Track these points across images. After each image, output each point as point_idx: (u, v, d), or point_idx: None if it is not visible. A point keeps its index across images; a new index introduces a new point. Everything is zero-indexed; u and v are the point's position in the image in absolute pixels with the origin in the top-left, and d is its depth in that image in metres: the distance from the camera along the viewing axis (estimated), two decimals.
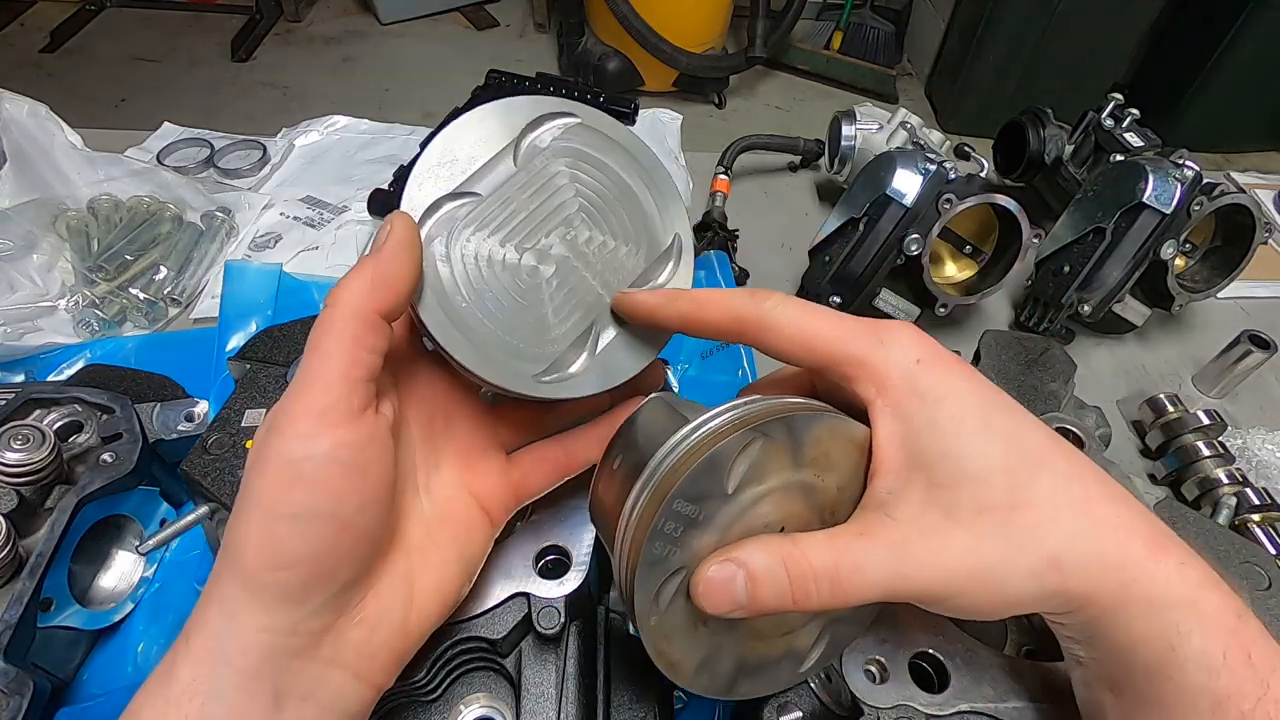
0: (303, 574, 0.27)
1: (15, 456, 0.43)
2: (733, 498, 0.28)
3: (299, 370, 0.28)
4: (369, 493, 0.28)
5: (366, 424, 0.28)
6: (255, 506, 0.27)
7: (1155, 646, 0.27)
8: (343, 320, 0.27)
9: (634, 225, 0.35)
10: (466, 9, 3.11)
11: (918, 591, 0.27)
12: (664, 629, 0.28)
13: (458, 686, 0.38)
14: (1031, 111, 0.90)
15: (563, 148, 0.33)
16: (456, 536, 0.33)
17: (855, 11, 2.91)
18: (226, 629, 0.26)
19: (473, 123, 0.31)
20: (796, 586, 0.27)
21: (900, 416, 0.29)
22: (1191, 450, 0.64)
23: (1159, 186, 0.69)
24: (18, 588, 0.41)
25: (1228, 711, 0.26)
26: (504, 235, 0.32)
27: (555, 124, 0.33)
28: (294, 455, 0.26)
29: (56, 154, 0.79)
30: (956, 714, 0.35)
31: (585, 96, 0.81)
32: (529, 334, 0.32)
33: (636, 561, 0.27)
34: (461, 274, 0.31)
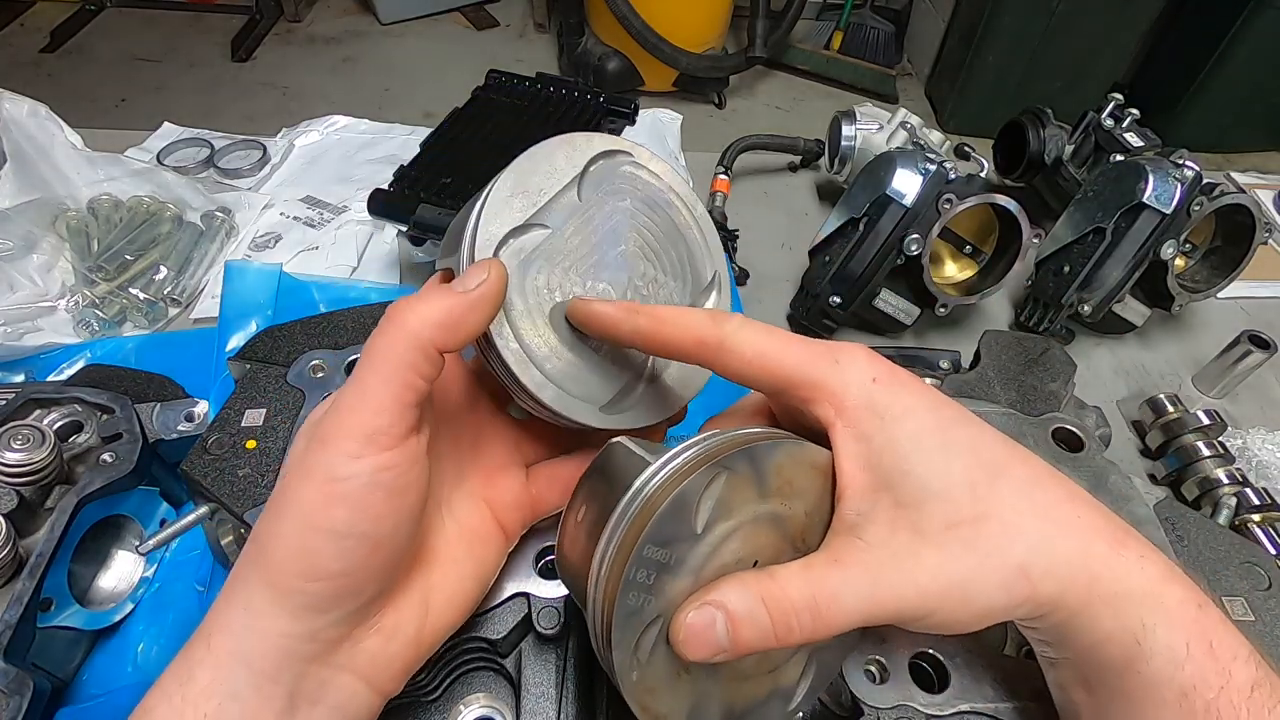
0: (333, 587, 0.27)
1: (15, 456, 0.43)
2: (702, 537, 0.27)
3: (353, 383, 0.28)
4: (405, 514, 0.28)
5: (410, 447, 0.28)
6: (294, 515, 0.27)
7: (1122, 642, 0.28)
8: (405, 345, 0.27)
9: (681, 262, 0.36)
10: (466, 9, 3.11)
11: (895, 613, 0.27)
12: (647, 683, 0.27)
13: (458, 686, 0.38)
14: (1031, 111, 0.90)
15: (621, 186, 0.34)
16: (474, 552, 0.33)
17: (855, 11, 2.91)
18: (249, 631, 0.27)
19: (540, 156, 0.32)
20: (778, 623, 0.26)
21: (860, 437, 0.29)
22: (1191, 450, 0.64)
23: (1159, 186, 0.69)
24: (18, 588, 0.41)
25: (1193, 702, 0.27)
26: (571, 268, 0.32)
27: (614, 161, 0.34)
28: (339, 473, 0.26)
29: (56, 154, 0.79)
30: (956, 714, 0.35)
31: (585, 96, 0.81)
32: (594, 367, 0.33)
33: (611, 616, 0.26)
34: (536, 306, 0.31)
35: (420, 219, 0.67)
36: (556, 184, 0.32)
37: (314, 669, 0.28)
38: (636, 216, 0.34)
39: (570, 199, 0.32)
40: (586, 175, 0.33)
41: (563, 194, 0.32)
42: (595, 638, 0.28)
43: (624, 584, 0.26)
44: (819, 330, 0.75)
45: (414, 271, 0.79)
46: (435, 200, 0.68)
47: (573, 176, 0.32)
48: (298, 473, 0.27)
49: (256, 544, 0.28)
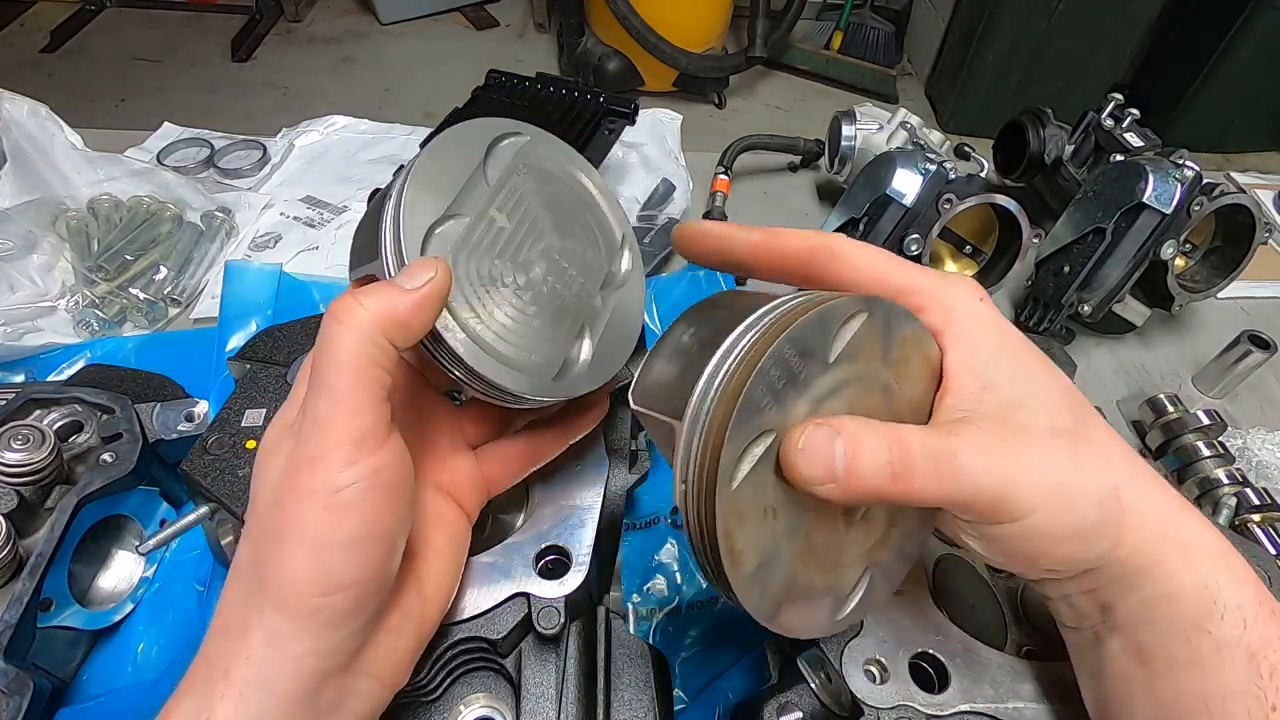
0: (353, 596, 0.27)
1: (15, 456, 0.43)
2: (830, 369, 0.27)
3: (323, 397, 0.27)
4: (404, 510, 0.29)
5: (395, 443, 0.28)
6: (300, 538, 0.26)
7: (1196, 596, 0.28)
8: (365, 342, 0.27)
9: (591, 229, 0.37)
10: (466, 9, 3.11)
11: (1001, 497, 0.27)
12: (737, 504, 0.25)
13: (458, 686, 0.38)
14: (1031, 111, 0.90)
15: (521, 165, 0.34)
16: (447, 535, 0.34)
17: (855, 11, 2.91)
18: (271, 659, 0.26)
19: (439, 152, 0.32)
20: (896, 461, 0.26)
21: (970, 345, 0.30)
22: (1191, 450, 0.64)
23: (1159, 186, 0.69)
24: (18, 588, 0.41)
25: (1259, 665, 0.27)
26: (497, 252, 0.33)
27: (511, 142, 0.34)
28: (339, 484, 0.26)
29: (56, 154, 0.79)
30: (956, 714, 0.35)
31: (585, 96, 0.81)
32: (537, 342, 0.33)
33: (733, 409, 0.25)
34: (473, 294, 0.31)
35: None
36: (463, 174, 0.32)
37: (334, 681, 0.28)
38: (542, 192, 0.35)
39: (479, 186, 0.32)
40: (489, 161, 0.33)
41: (471, 182, 0.32)
42: (688, 459, 0.26)
43: (756, 374, 0.25)
44: None
45: None
46: None
47: (476, 164, 0.32)
48: (296, 498, 0.26)
49: (263, 576, 0.27)
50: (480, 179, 0.32)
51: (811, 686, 0.38)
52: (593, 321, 0.36)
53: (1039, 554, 0.28)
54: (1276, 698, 0.27)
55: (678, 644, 0.53)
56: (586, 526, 0.40)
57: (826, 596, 0.30)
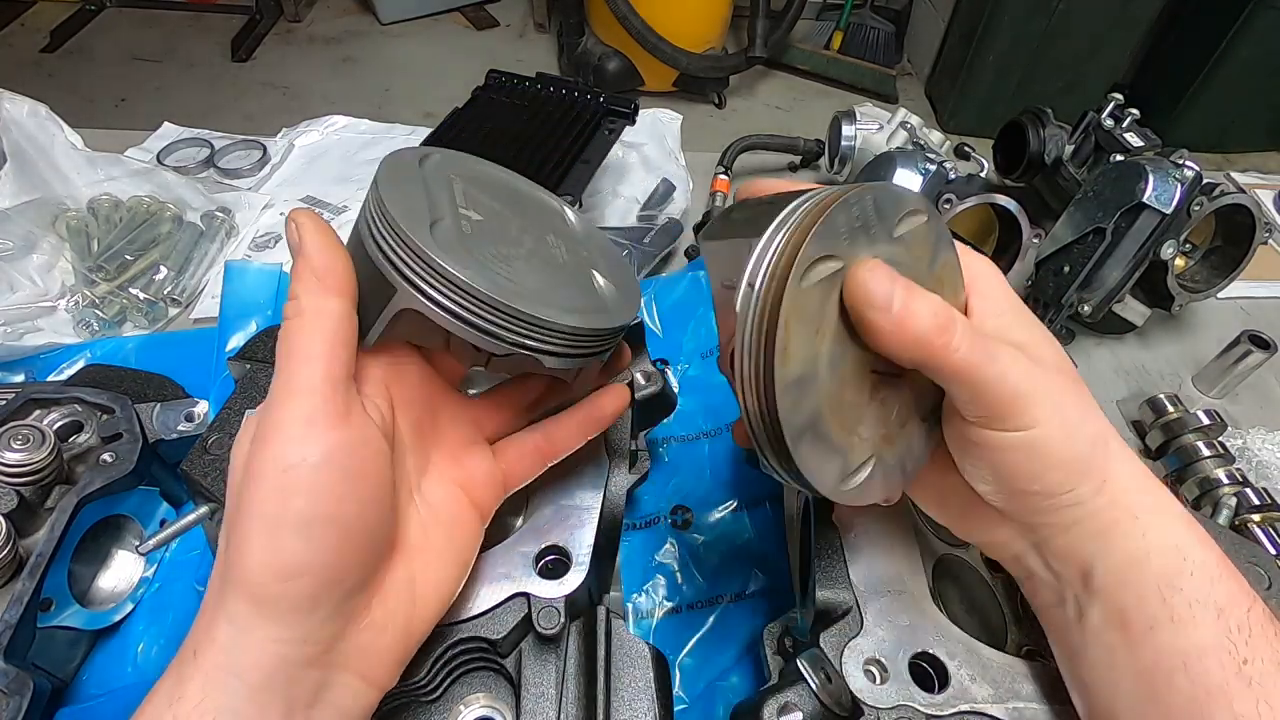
0: (310, 583, 0.27)
1: (15, 456, 0.43)
2: (894, 242, 0.30)
3: (277, 378, 0.27)
4: (368, 495, 0.28)
5: (357, 425, 0.28)
6: (253, 518, 0.26)
7: (1169, 556, 0.30)
8: (316, 320, 0.28)
9: (536, 202, 0.39)
10: (466, 9, 3.11)
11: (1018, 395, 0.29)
12: (800, 303, 0.28)
13: (458, 686, 0.38)
14: (1031, 111, 0.90)
15: (451, 173, 0.35)
16: (451, 535, 0.34)
17: (855, 11, 2.91)
18: (237, 643, 0.26)
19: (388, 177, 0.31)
20: (942, 316, 0.28)
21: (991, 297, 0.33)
22: (1191, 450, 0.64)
23: (1159, 186, 0.69)
24: (18, 588, 0.41)
25: (1228, 620, 0.29)
26: (492, 237, 0.33)
27: (430, 162, 0.35)
28: (288, 462, 0.26)
29: (56, 154, 0.79)
30: (956, 714, 0.35)
31: (585, 96, 0.81)
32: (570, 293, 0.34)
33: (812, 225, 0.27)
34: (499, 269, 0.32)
35: None
36: (418, 191, 0.32)
37: (309, 673, 0.27)
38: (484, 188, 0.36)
39: (437, 195, 0.33)
40: (426, 179, 0.33)
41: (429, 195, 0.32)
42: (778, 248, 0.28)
43: (842, 203, 0.28)
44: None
45: None
46: None
47: (419, 181, 0.33)
48: (249, 478, 0.27)
49: (227, 559, 0.27)
50: (435, 191, 0.33)
51: (811, 686, 0.38)
52: (596, 264, 0.37)
53: (1034, 473, 0.30)
54: (1246, 651, 0.28)
55: (678, 644, 0.53)
56: (586, 526, 0.40)
57: (837, 458, 0.31)
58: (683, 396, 0.65)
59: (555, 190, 0.70)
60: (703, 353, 0.71)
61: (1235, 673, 0.28)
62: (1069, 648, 0.33)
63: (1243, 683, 0.28)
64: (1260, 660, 0.28)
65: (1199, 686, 0.28)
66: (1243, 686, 0.28)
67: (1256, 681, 0.28)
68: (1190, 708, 0.28)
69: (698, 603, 0.56)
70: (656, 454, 0.64)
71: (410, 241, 0.29)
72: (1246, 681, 0.28)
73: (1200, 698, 0.28)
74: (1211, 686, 0.28)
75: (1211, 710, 0.28)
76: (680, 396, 0.59)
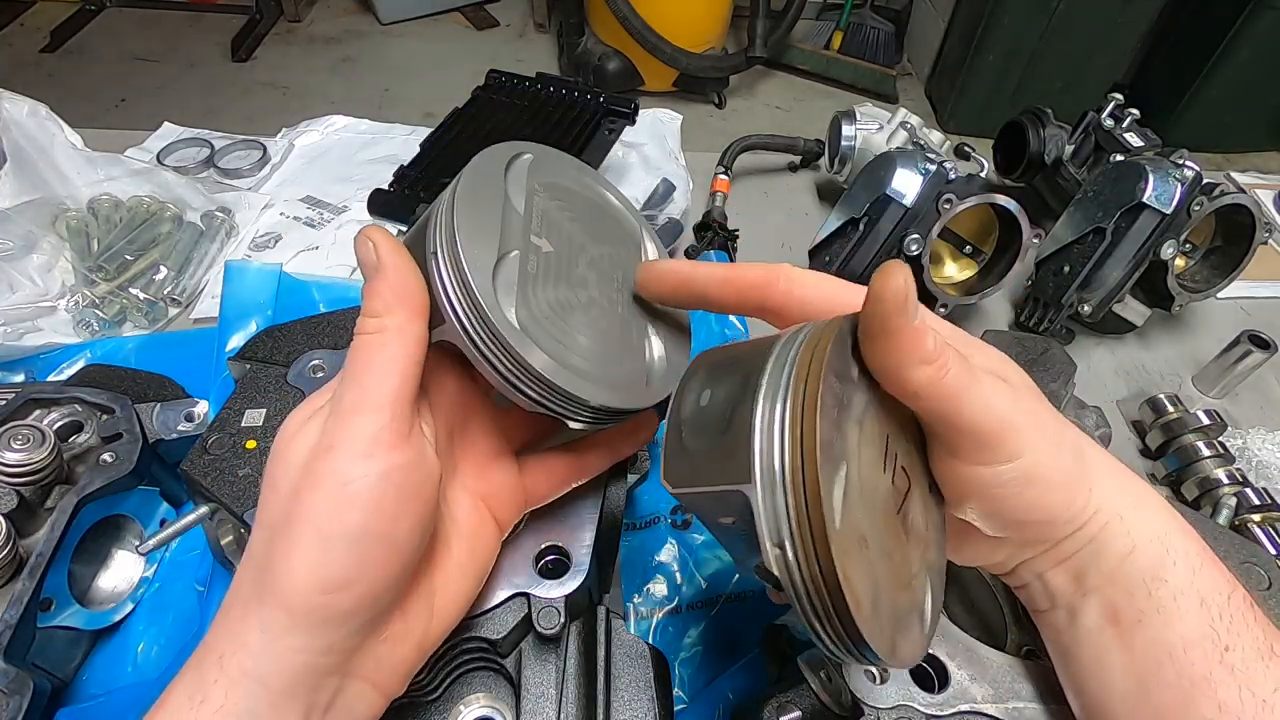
0: (352, 597, 0.27)
1: (15, 456, 0.43)
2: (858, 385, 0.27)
3: (348, 390, 0.28)
4: (419, 515, 0.28)
5: (415, 445, 0.28)
6: (307, 526, 0.26)
7: (1153, 549, 0.30)
8: (398, 339, 0.28)
9: (614, 228, 0.37)
10: (466, 9, 3.11)
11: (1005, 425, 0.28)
12: (844, 544, 0.24)
13: (458, 686, 0.38)
14: (1031, 111, 0.90)
15: (537, 184, 0.34)
16: (472, 548, 0.33)
17: (855, 11, 2.91)
18: (267, 650, 0.26)
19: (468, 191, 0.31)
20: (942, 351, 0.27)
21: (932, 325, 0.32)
22: (1191, 450, 0.64)
23: (1159, 186, 0.69)
24: (18, 588, 0.41)
25: (1210, 609, 0.29)
26: (554, 278, 0.32)
27: (519, 164, 0.34)
28: (349, 475, 0.26)
29: (56, 154, 0.79)
30: (956, 714, 0.35)
31: (585, 96, 0.81)
32: (620, 355, 0.33)
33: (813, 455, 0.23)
34: (551, 327, 0.31)
35: None
36: (495, 209, 0.31)
37: (329, 680, 0.27)
38: (566, 207, 0.35)
39: (513, 218, 0.32)
40: (509, 190, 0.32)
41: (505, 216, 0.31)
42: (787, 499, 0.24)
43: (823, 412, 0.24)
44: None
45: None
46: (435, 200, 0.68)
47: (501, 196, 0.32)
48: (307, 482, 0.27)
49: (264, 564, 0.27)
50: (511, 211, 0.32)
51: (811, 686, 0.38)
52: (652, 319, 0.36)
53: (1033, 501, 0.29)
54: (1229, 639, 0.29)
55: (678, 644, 0.53)
56: (586, 526, 0.40)
57: (914, 614, 0.29)
58: None
59: None
60: None
61: (1219, 661, 0.29)
62: (1062, 650, 0.33)
63: (1225, 670, 0.28)
64: (1241, 648, 0.29)
65: (1185, 677, 0.29)
66: (1226, 674, 0.28)
67: (1238, 669, 0.28)
68: (1177, 699, 0.29)
69: (698, 603, 0.56)
70: (656, 454, 0.64)
71: (469, 285, 0.28)
72: (1229, 669, 0.28)
73: (1186, 688, 0.29)
74: (1196, 677, 0.29)
75: (1197, 700, 0.28)
76: None
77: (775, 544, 0.24)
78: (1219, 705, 0.28)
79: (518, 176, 0.33)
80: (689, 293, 0.34)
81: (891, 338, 0.26)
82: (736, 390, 0.27)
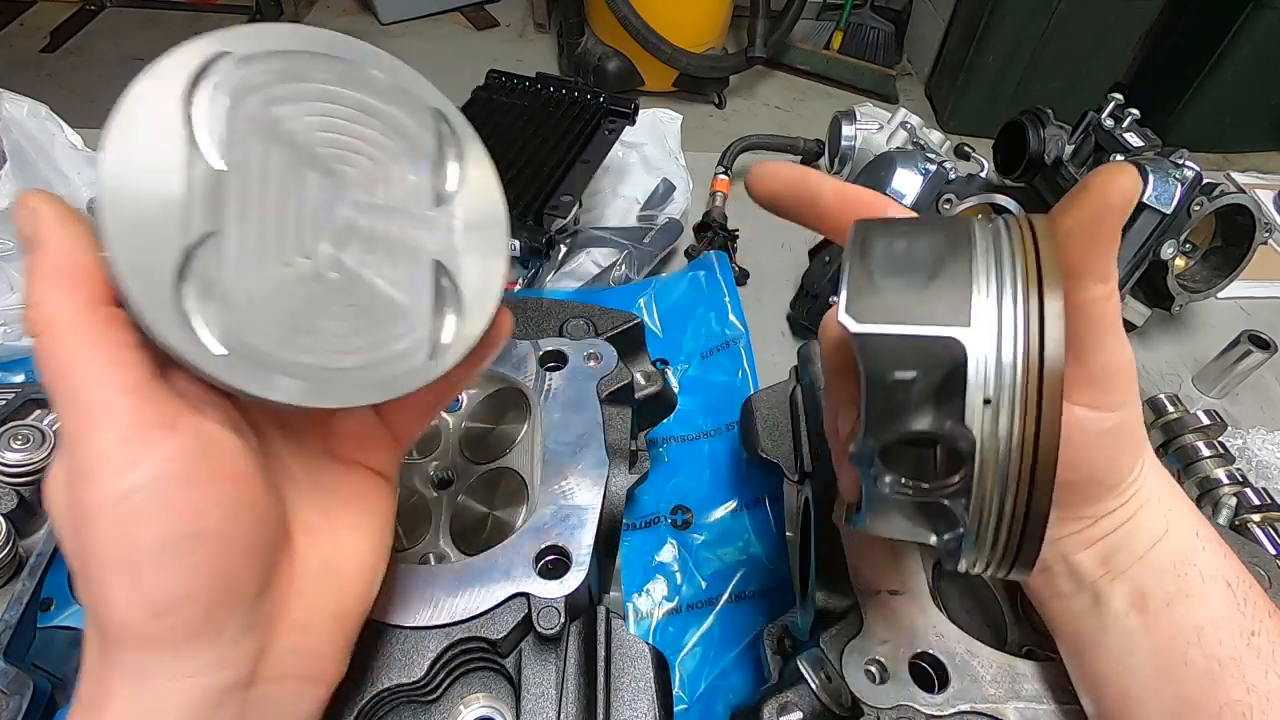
0: (197, 608, 0.23)
1: (15, 456, 0.43)
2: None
3: (64, 411, 0.22)
4: (234, 498, 0.24)
5: (190, 426, 0.23)
6: (104, 565, 0.22)
7: (1185, 535, 0.31)
8: (75, 331, 0.22)
9: (391, 129, 0.27)
10: (466, 9, 3.11)
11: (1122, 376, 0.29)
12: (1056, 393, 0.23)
13: (458, 686, 0.38)
14: (1031, 111, 0.90)
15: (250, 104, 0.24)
16: (359, 507, 0.30)
17: (855, 11, 2.90)
18: (141, 694, 0.23)
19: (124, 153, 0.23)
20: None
21: None
22: (1191, 450, 0.64)
23: (1159, 186, 0.69)
24: (18, 588, 0.41)
25: (1235, 594, 0.30)
26: (274, 248, 0.24)
27: (213, 78, 0.24)
28: (120, 492, 0.22)
29: (56, 154, 0.79)
30: (956, 714, 0.35)
31: (585, 96, 0.81)
32: (386, 327, 0.26)
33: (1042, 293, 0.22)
34: (258, 316, 0.23)
35: None
36: (176, 169, 0.22)
37: (238, 695, 0.25)
38: (297, 119, 0.25)
39: (203, 171, 0.23)
40: (195, 122, 0.23)
41: (190, 173, 0.23)
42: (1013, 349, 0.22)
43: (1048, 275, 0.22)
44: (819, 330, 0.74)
45: None
46: None
47: (183, 144, 0.23)
48: (81, 525, 0.23)
49: (91, 613, 0.24)
50: (198, 160, 0.23)
51: (811, 686, 0.38)
52: (442, 251, 0.27)
53: (1113, 458, 0.30)
54: (1254, 624, 0.29)
55: (678, 644, 0.53)
56: (586, 526, 0.40)
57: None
58: (683, 396, 0.65)
59: (555, 190, 0.71)
60: (703, 352, 0.71)
61: (1246, 644, 0.29)
62: (1082, 639, 0.33)
63: (1253, 653, 0.29)
64: (1266, 632, 0.29)
65: (1212, 659, 0.29)
66: (1253, 657, 0.29)
67: (1265, 652, 0.29)
68: (1204, 680, 0.29)
69: (698, 603, 0.56)
70: (656, 454, 0.64)
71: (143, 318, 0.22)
72: (1256, 652, 0.29)
73: (1214, 670, 0.29)
74: (1224, 658, 0.29)
75: (1225, 681, 0.29)
76: (680, 396, 0.59)
77: (986, 398, 0.22)
78: (1247, 687, 0.28)
79: (214, 96, 0.24)
80: (804, 194, 0.33)
81: (1094, 239, 0.25)
82: (942, 246, 0.24)
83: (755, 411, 0.55)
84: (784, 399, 0.55)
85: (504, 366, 0.48)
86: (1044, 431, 0.22)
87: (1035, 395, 0.22)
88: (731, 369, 0.69)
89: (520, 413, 0.48)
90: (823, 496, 0.45)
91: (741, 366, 0.70)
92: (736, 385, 0.68)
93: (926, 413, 0.23)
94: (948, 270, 0.23)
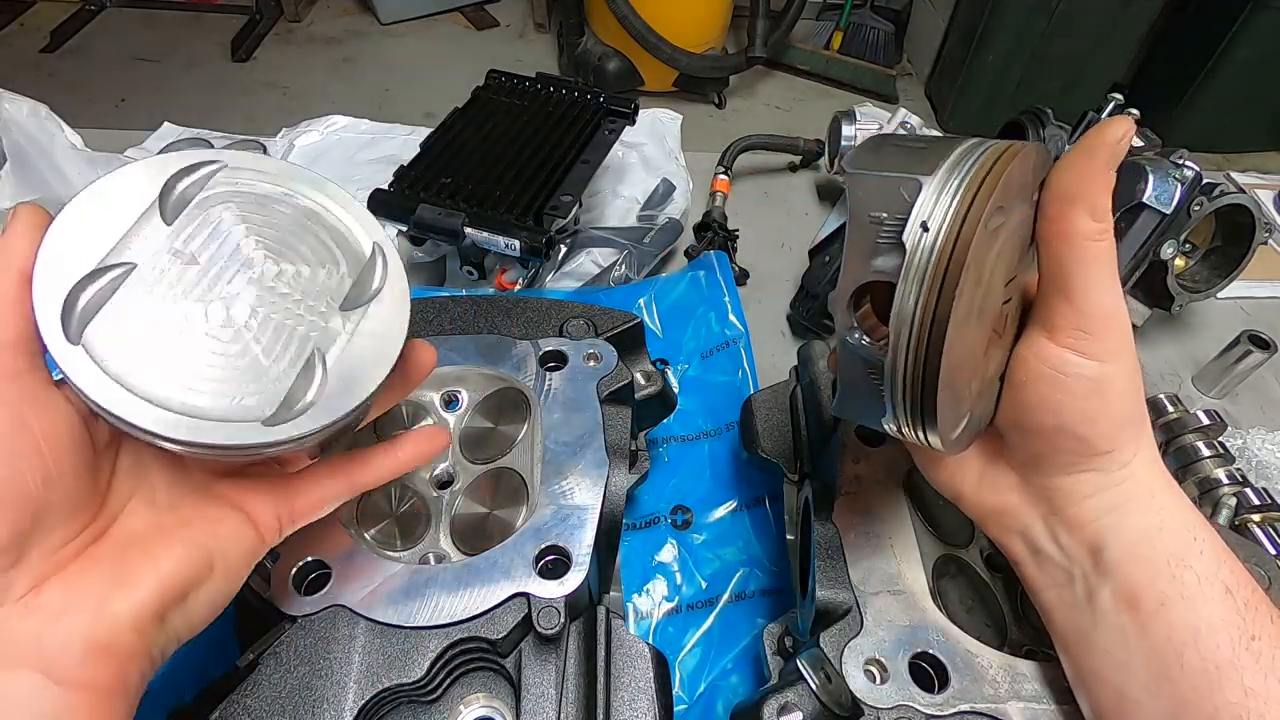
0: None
1: None
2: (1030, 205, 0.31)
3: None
4: (20, 450, 0.25)
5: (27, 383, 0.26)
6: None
7: (1179, 534, 0.31)
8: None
9: (325, 245, 0.33)
10: (466, 9, 3.11)
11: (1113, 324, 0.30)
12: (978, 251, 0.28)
13: (458, 686, 0.39)
14: (1031, 111, 0.90)
15: (219, 194, 0.31)
16: (203, 529, 0.30)
17: (855, 11, 2.90)
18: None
19: (104, 189, 0.28)
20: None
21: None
22: (1191, 450, 0.64)
23: (1159, 186, 0.69)
24: None
25: (1234, 598, 0.30)
26: (178, 294, 0.29)
27: (200, 174, 0.31)
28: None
29: (56, 154, 0.79)
30: (956, 714, 0.35)
31: (585, 96, 0.81)
32: (246, 383, 0.29)
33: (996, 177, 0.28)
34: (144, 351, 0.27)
35: (420, 219, 0.67)
36: (130, 215, 0.28)
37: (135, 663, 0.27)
38: (249, 219, 0.31)
39: (155, 225, 0.29)
40: (169, 197, 0.30)
41: (142, 224, 0.29)
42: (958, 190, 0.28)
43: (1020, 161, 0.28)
44: (819, 330, 0.75)
45: (414, 271, 0.79)
46: (435, 200, 0.68)
47: (150, 201, 0.29)
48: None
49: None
50: (154, 216, 0.29)
51: (811, 686, 0.38)
52: (327, 346, 0.31)
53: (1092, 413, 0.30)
54: (1254, 628, 0.29)
55: (678, 644, 0.53)
56: (586, 526, 0.40)
57: (958, 408, 0.31)
58: (683, 396, 0.65)
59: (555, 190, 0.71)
60: (702, 353, 0.71)
61: (1245, 648, 0.29)
62: (1076, 634, 0.33)
63: (1252, 657, 0.29)
64: (1266, 637, 0.29)
65: (1209, 661, 0.29)
66: (1251, 661, 0.29)
67: (1265, 656, 0.29)
68: (1201, 683, 0.29)
69: (698, 603, 0.56)
70: (656, 454, 0.64)
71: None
72: (1256, 656, 0.29)
73: (1211, 672, 0.29)
74: (1222, 661, 0.29)
75: (1223, 684, 0.29)
76: (680, 396, 0.59)
77: (922, 223, 0.28)
78: (1245, 690, 0.28)
79: (191, 186, 0.30)
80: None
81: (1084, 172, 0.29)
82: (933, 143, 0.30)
83: (755, 411, 0.55)
84: (784, 399, 0.55)
85: (504, 366, 0.48)
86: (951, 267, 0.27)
87: (958, 229, 0.27)
88: (731, 369, 0.70)
89: (520, 413, 0.48)
90: (823, 496, 0.45)
91: (741, 366, 0.70)
92: (736, 385, 0.68)
93: (889, 255, 0.29)
94: (932, 152, 0.29)
